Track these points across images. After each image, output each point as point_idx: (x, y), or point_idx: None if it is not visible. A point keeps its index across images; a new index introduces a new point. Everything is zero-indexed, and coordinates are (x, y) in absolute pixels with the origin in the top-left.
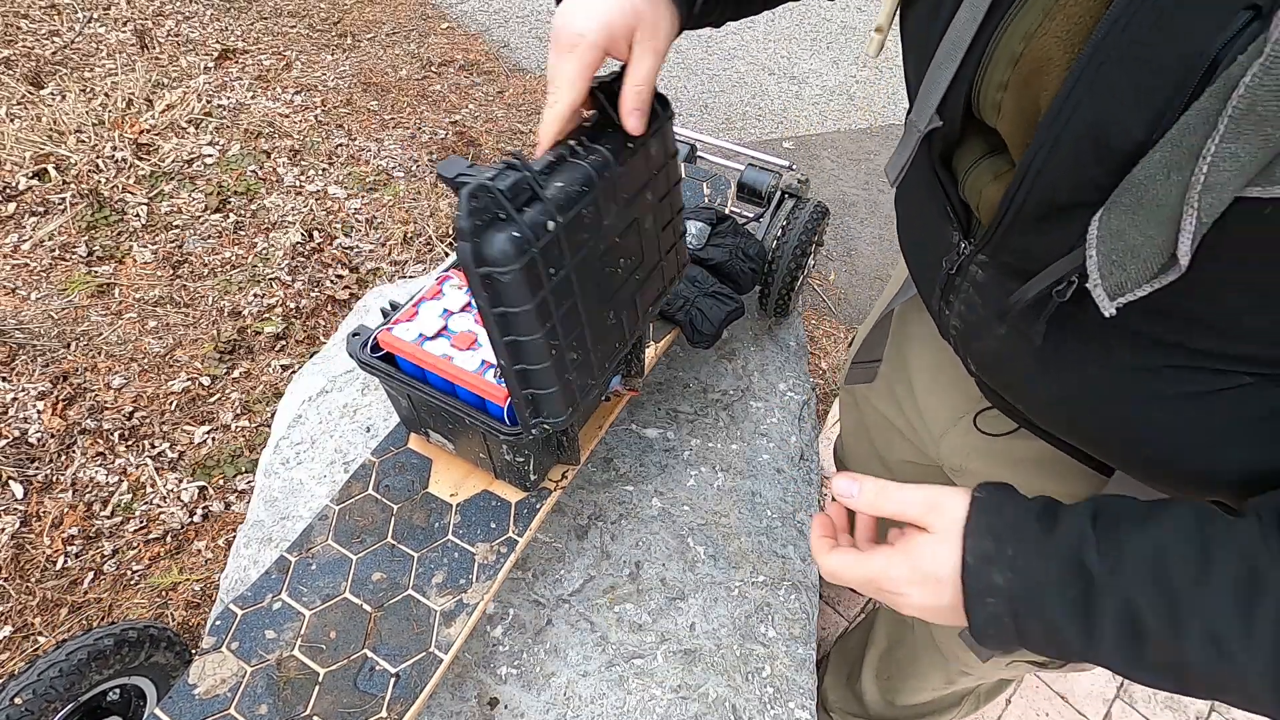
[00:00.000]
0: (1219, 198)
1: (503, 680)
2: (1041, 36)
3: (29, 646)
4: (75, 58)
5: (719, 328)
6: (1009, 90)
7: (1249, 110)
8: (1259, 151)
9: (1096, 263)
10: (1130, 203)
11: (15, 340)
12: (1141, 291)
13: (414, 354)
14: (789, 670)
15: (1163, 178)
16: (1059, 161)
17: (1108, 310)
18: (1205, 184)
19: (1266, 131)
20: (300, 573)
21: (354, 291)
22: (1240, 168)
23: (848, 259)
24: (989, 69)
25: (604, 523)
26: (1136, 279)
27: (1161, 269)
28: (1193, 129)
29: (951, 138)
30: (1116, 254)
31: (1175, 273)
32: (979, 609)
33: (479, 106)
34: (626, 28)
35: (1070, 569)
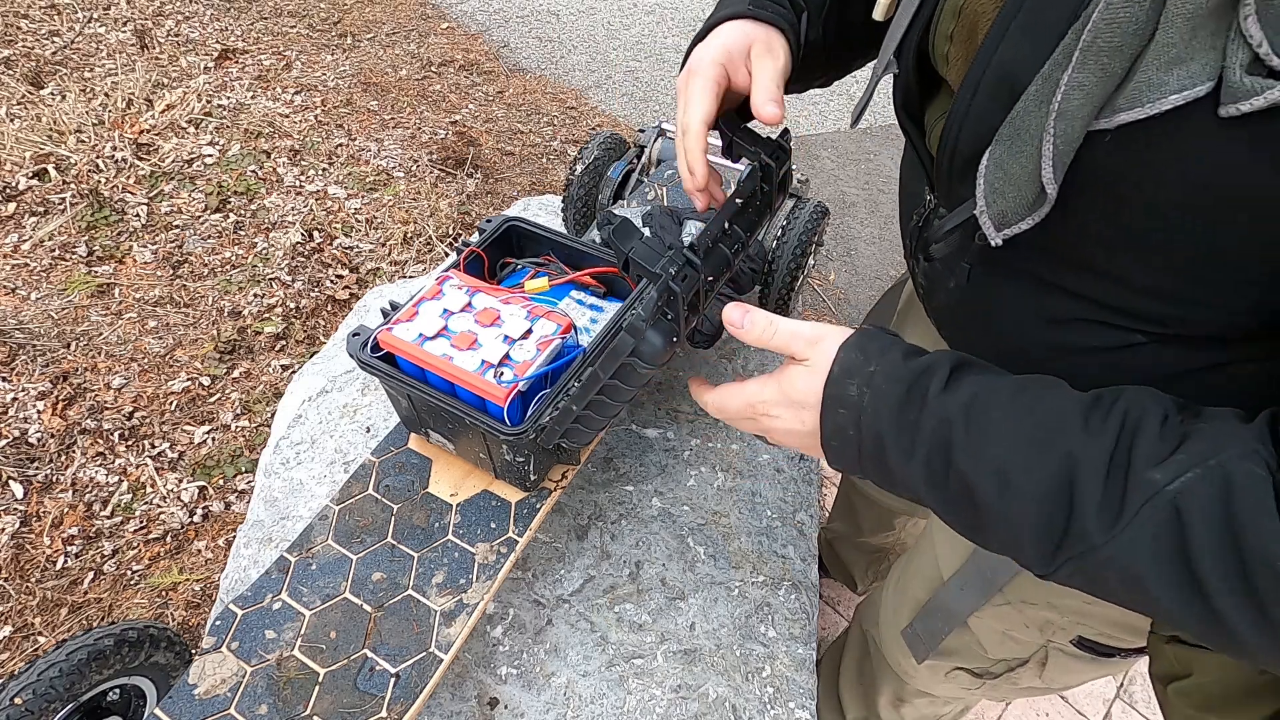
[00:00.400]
0: (1071, 126)
1: (503, 680)
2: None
3: (29, 646)
4: (75, 58)
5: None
6: (954, 42)
7: (1093, 43)
8: (1100, 82)
9: (983, 191)
10: (1010, 134)
11: (15, 340)
12: (1023, 225)
13: (414, 354)
14: (789, 670)
15: (1035, 109)
16: (978, 106)
17: (994, 239)
18: (1059, 111)
19: (1104, 62)
20: (300, 573)
21: (354, 291)
22: (1086, 96)
23: (848, 259)
24: (939, 21)
25: (604, 523)
26: (1016, 209)
27: (1036, 200)
28: (1058, 64)
29: (909, 87)
30: (999, 182)
31: (1046, 204)
32: (830, 417)
33: (479, 106)
34: (742, 49)
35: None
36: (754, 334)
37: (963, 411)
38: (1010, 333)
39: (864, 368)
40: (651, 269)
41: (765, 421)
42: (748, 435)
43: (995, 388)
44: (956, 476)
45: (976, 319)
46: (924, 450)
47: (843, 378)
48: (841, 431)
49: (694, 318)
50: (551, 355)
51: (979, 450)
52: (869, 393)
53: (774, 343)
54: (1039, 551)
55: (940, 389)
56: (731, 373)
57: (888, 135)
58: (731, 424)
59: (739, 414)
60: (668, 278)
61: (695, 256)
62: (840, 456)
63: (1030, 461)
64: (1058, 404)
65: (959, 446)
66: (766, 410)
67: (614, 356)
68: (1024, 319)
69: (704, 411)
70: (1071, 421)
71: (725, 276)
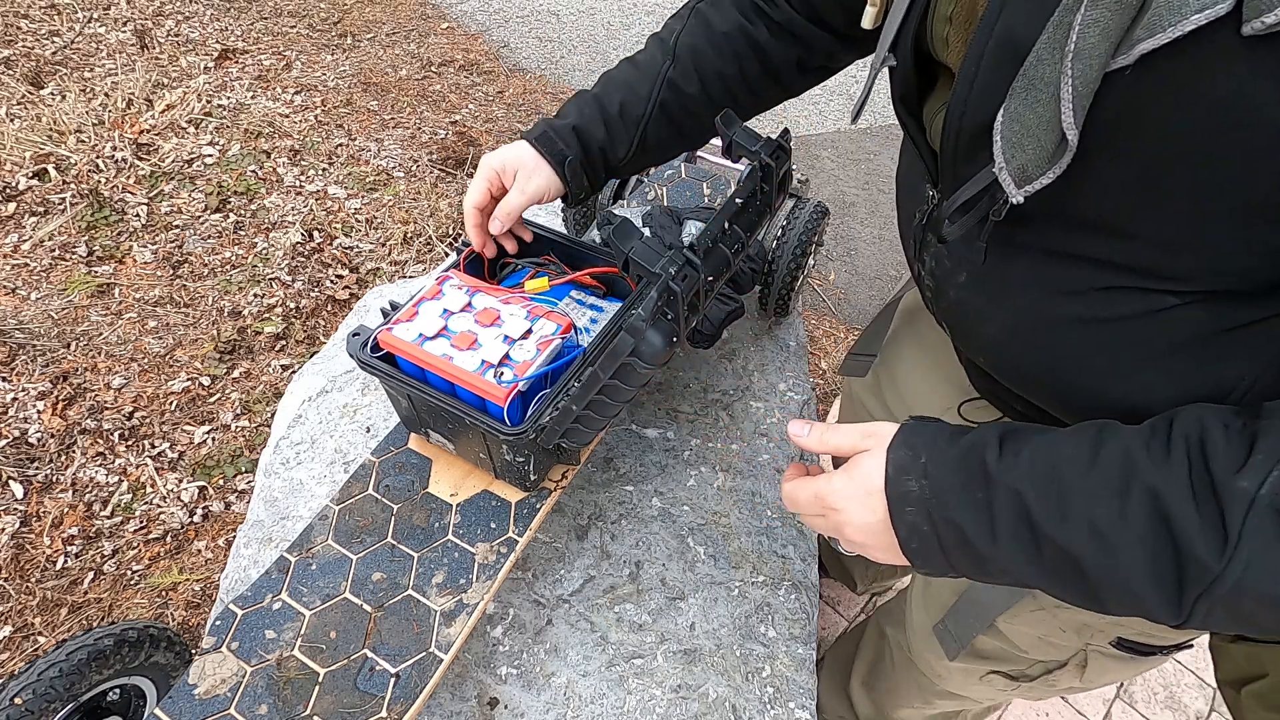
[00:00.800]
0: (1089, 65)
1: (503, 680)
2: None
3: (29, 646)
4: (75, 58)
5: (719, 328)
6: (954, 24)
7: None
8: (1116, 15)
9: (1000, 148)
10: (1024, 86)
11: (15, 340)
12: (1045, 179)
13: (414, 354)
14: (789, 670)
15: (1049, 57)
16: (983, 80)
17: (1015, 198)
18: (1075, 52)
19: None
20: (300, 573)
21: (354, 291)
22: (1102, 32)
23: (848, 259)
24: (936, 5)
25: (604, 523)
26: (1037, 161)
27: (1056, 149)
28: (1069, 8)
29: (908, 79)
30: (1016, 135)
31: (1068, 153)
32: (900, 520)
33: (479, 106)
34: (513, 167)
35: (973, 471)
36: (815, 438)
37: (1030, 478)
38: (1033, 315)
39: (916, 461)
40: (651, 269)
41: (835, 517)
42: (747, 435)
43: (1051, 445)
44: (1050, 545)
45: (993, 308)
46: (1006, 527)
47: (899, 476)
48: (917, 530)
49: (694, 317)
50: (551, 355)
51: (1063, 512)
52: (928, 483)
53: (834, 441)
54: (1164, 598)
55: (997, 460)
56: (732, 373)
57: (888, 135)
58: (805, 521)
59: (808, 507)
60: (667, 278)
61: (695, 256)
62: (925, 557)
63: (1116, 509)
64: (1119, 445)
65: (1040, 513)
66: (835, 503)
67: (614, 356)
68: (1046, 297)
69: (704, 411)
70: (1138, 457)
71: (725, 276)
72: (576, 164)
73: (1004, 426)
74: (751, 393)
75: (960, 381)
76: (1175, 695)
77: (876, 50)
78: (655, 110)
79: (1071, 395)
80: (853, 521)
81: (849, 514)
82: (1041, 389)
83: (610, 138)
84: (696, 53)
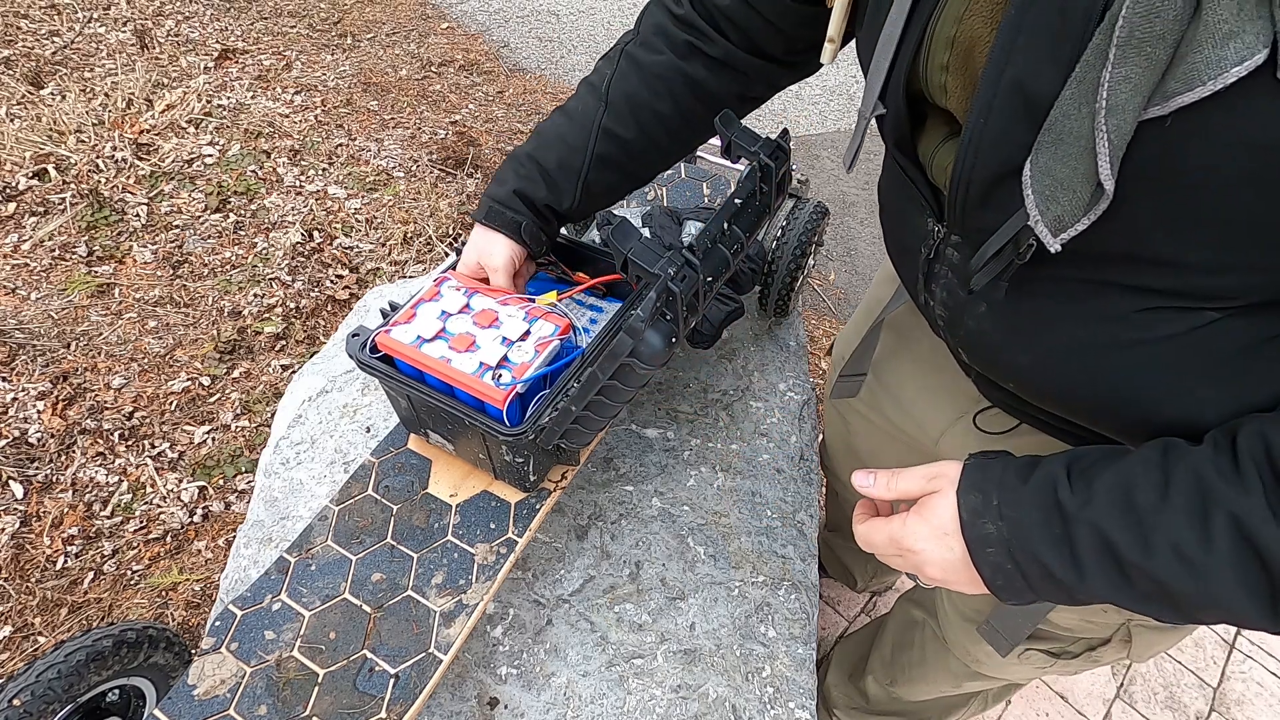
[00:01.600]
0: (1123, 120)
1: (503, 680)
2: (969, 18)
3: (29, 647)
4: (75, 58)
5: (719, 328)
6: (950, 71)
7: (1129, 37)
8: (1146, 71)
9: (1034, 200)
10: (1052, 140)
11: (15, 340)
12: (1081, 225)
13: (412, 356)
14: (789, 670)
15: (1075, 112)
16: (993, 129)
17: (1053, 246)
18: (1108, 108)
19: (1147, 51)
20: (300, 573)
21: (354, 291)
22: (1134, 88)
23: (848, 259)
24: (930, 54)
25: (604, 523)
26: (1072, 211)
27: (1092, 198)
28: (1092, 65)
29: (901, 124)
30: (1049, 189)
31: (1105, 200)
32: (983, 560)
33: (479, 106)
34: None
35: (1048, 508)
36: (883, 485)
37: (1107, 512)
38: (1068, 342)
39: (988, 503)
40: (650, 269)
41: (913, 558)
42: (747, 435)
43: (1121, 474)
44: (1138, 575)
45: (1022, 338)
46: (1091, 562)
47: (975, 520)
48: (1000, 569)
49: (693, 318)
50: (550, 357)
51: (1146, 543)
52: (1004, 525)
53: (901, 486)
54: (1260, 612)
55: (1070, 494)
56: (732, 373)
57: None
58: (882, 560)
59: (884, 549)
60: (666, 278)
61: (694, 257)
62: (1011, 592)
63: (1200, 536)
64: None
65: (1124, 547)
66: (912, 545)
67: (613, 357)
68: (1081, 324)
69: (704, 411)
70: (1212, 482)
71: (724, 277)
72: (531, 227)
73: (1069, 457)
74: (751, 393)
75: (966, 391)
76: (1175, 695)
77: (864, 99)
78: (594, 159)
79: (1121, 416)
80: (932, 561)
81: (928, 554)
82: (1087, 412)
83: (552, 193)
84: (630, 96)
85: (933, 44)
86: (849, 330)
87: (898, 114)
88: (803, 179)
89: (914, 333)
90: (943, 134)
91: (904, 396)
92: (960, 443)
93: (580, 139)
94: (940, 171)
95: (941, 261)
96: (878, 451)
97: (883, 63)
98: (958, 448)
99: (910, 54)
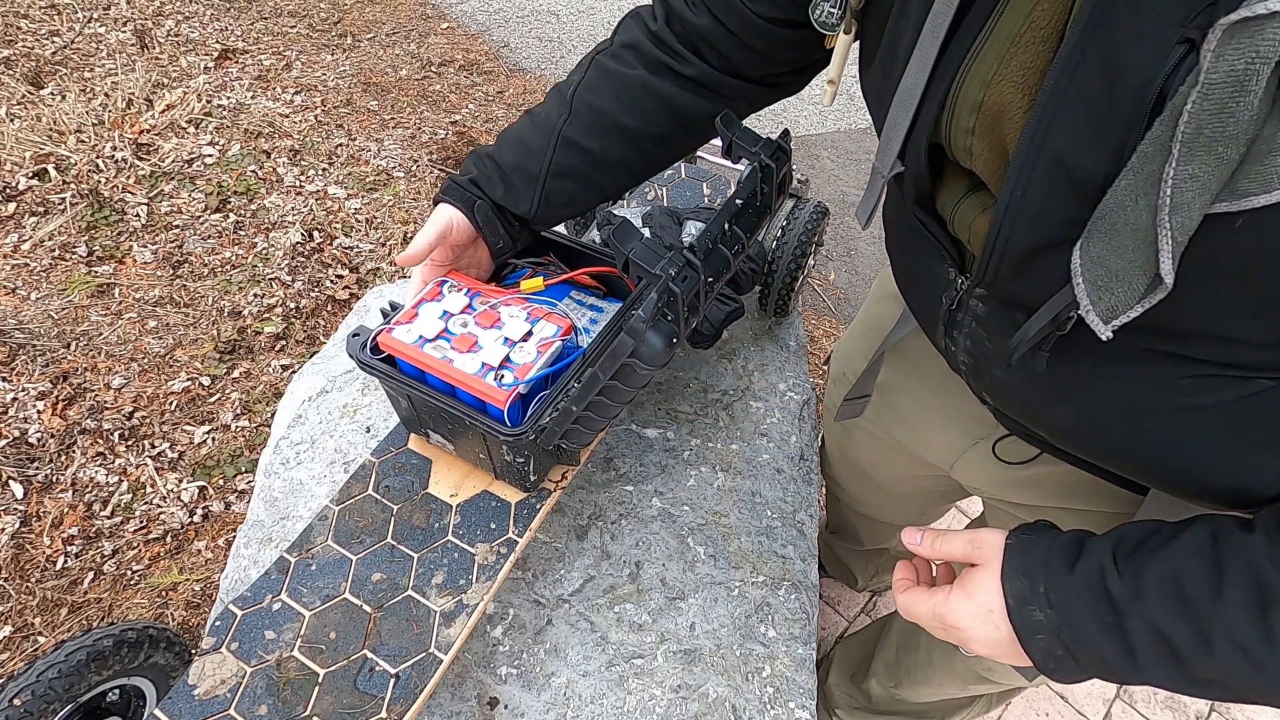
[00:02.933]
0: (1188, 217)
1: (503, 680)
2: (999, 83)
3: (29, 647)
4: (75, 58)
5: (719, 328)
6: (977, 135)
7: (1197, 134)
8: (1215, 170)
9: (1085, 290)
10: (1105, 230)
11: (15, 340)
12: (1134, 312)
13: (413, 356)
14: (789, 670)
15: (1132, 204)
16: (1032, 203)
17: (1104, 334)
18: (1172, 205)
19: (1218, 151)
20: (300, 573)
21: (354, 291)
22: (1201, 187)
23: (848, 259)
24: (955, 115)
25: (604, 523)
26: (1126, 301)
27: (1148, 289)
28: (1150, 157)
29: (920, 181)
30: (1101, 279)
31: (1162, 291)
32: (1033, 646)
33: (479, 106)
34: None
35: (1098, 598)
36: (928, 545)
37: (1160, 608)
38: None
39: (1035, 590)
40: (651, 270)
41: (957, 634)
42: (747, 435)
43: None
44: (1196, 667)
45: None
46: (1147, 655)
47: (1022, 606)
48: (1051, 654)
49: (694, 319)
50: (552, 357)
51: (1205, 639)
52: (1054, 613)
53: (945, 549)
54: None
55: (1119, 584)
56: (732, 373)
57: None
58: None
59: (928, 622)
60: (668, 279)
61: (695, 258)
62: (1063, 674)
63: (1261, 632)
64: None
65: (1182, 644)
66: (956, 621)
67: (614, 358)
68: (1124, 385)
69: (704, 412)
70: (1268, 575)
71: (725, 277)
72: (487, 211)
73: (1113, 541)
74: (751, 393)
75: (979, 415)
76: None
77: (879, 155)
78: (552, 166)
79: (1171, 480)
80: (977, 638)
81: (973, 631)
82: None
83: (509, 193)
84: (595, 107)
85: (957, 106)
86: (848, 345)
87: (919, 173)
88: (803, 179)
89: (921, 356)
90: (964, 186)
91: (912, 419)
92: (978, 470)
93: (539, 143)
94: (963, 227)
95: (965, 312)
96: (879, 463)
97: (901, 120)
98: (974, 475)
99: (932, 114)
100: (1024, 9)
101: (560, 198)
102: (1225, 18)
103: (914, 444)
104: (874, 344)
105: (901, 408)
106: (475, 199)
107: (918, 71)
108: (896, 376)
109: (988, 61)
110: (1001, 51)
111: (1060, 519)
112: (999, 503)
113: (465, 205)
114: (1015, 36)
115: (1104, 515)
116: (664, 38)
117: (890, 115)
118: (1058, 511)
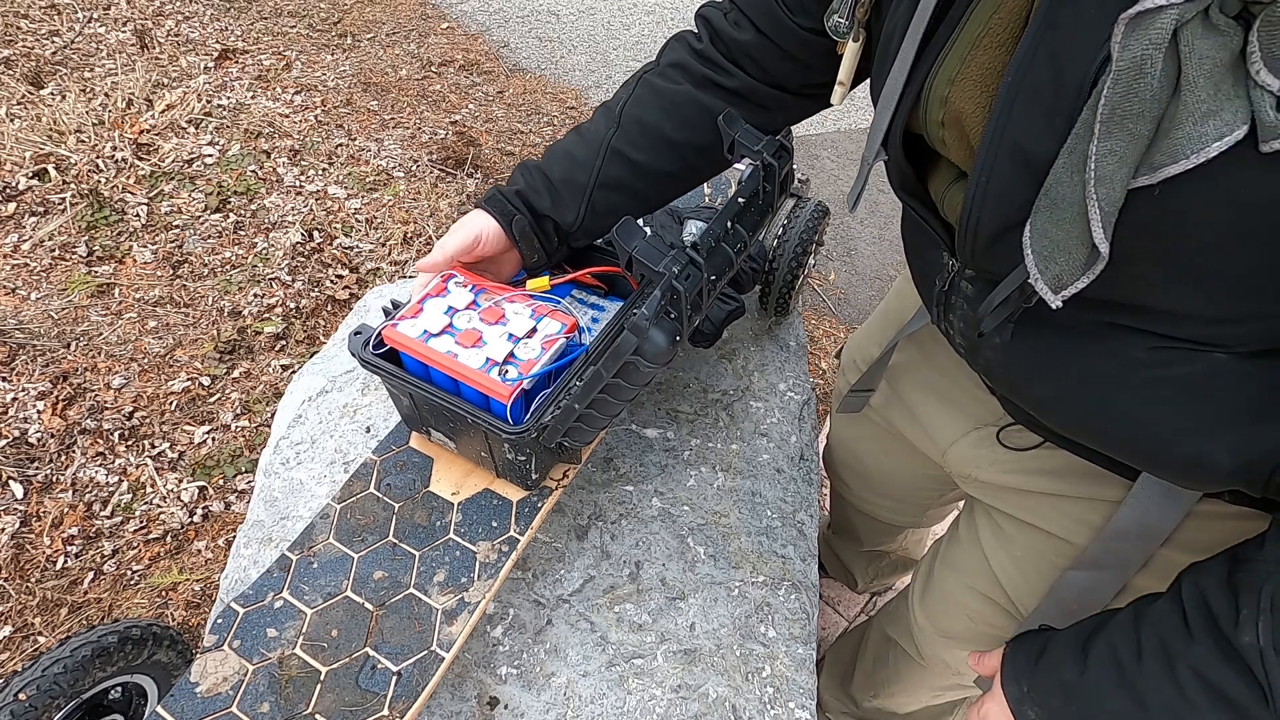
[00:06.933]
0: (1111, 189)
1: (503, 680)
2: (962, 81)
3: (29, 646)
4: (75, 58)
5: (719, 328)
6: (946, 126)
7: (1111, 113)
8: (1129, 145)
9: (1033, 260)
10: (1048, 205)
11: (15, 340)
12: (1080, 283)
13: (418, 350)
14: (789, 670)
15: (1068, 179)
16: (996, 187)
17: (1054, 303)
18: (1096, 178)
19: (1129, 128)
20: (302, 571)
21: (354, 291)
22: (1119, 160)
23: (848, 259)
24: (928, 109)
25: (604, 523)
26: (1070, 271)
27: (1089, 259)
28: (1081, 137)
29: (902, 171)
30: (1046, 250)
31: (1101, 261)
32: None
33: (479, 106)
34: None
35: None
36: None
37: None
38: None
39: (1022, 690)
40: (655, 267)
41: None
42: (747, 435)
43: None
44: None
45: (1037, 372)
46: None
47: (1019, 708)
48: None
49: (697, 317)
50: (556, 354)
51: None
52: (1041, 710)
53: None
54: None
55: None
56: (732, 373)
57: None
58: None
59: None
60: (671, 276)
61: (699, 256)
62: None
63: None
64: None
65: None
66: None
67: (617, 355)
68: (1092, 359)
69: (704, 411)
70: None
71: (728, 276)
72: (525, 225)
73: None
74: (751, 393)
75: (987, 403)
76: None
77: (867, 145)
78: (600, 177)
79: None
80: None
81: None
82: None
83: (555, 204)
84: (642, 120)
85: (929, 101)
86: (863, 337)
87: (899, 161)
88: (803, 179)
89: (933, 345)
90: (953, 174)
91: (919, 407)
92: (970, 454)
93: (588, 156)
94: (951, 210)
95: (956, 294)
96: (881, 457)
97: (885, 113)
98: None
99: (909, 107)
100: (983, 17)
101: (605, 207)
102: (1125, 12)
103: (911, 432)
104: (889, 334)
105: (905, 392)
106: (514, 213)
107: (900, 70)
108: (906, 361)
109: (953, 62)
110: (964, 54)
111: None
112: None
113: (504, 218)
114: (975, 40)
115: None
116: (708, 54)
117: (878, 107)
118: (1051, 498)
